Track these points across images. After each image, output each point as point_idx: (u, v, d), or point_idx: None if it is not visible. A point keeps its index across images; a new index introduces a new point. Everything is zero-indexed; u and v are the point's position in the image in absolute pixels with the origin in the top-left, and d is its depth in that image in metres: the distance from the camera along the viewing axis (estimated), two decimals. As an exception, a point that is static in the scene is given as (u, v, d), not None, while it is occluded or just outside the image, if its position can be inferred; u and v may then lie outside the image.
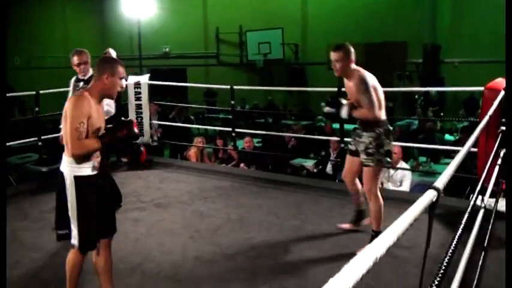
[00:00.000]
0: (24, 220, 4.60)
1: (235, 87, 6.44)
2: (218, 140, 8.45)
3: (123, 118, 3.25)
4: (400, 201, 4.82)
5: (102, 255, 2.86)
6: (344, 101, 3.72)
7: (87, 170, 2.64)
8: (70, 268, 2.79)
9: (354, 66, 3.56)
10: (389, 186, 6.24)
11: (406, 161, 6.62)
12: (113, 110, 4.40)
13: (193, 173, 6.31)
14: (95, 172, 2.68)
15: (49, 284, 3.30)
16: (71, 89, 4.61)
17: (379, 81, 3.56)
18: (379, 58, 13.75)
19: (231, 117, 8.12)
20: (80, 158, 2.60)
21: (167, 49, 18.55)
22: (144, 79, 6.84)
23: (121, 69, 2.74)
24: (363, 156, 3.61)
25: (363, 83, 3.45)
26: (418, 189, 6.32)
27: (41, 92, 6.13)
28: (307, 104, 15.07)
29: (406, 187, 6.20)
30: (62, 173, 2.65)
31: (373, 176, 3.60)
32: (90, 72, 4.47)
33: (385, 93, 3.62)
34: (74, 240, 2.70)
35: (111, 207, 2.91)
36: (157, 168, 6.38)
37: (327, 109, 3.77)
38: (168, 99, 9.03)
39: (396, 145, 6.35)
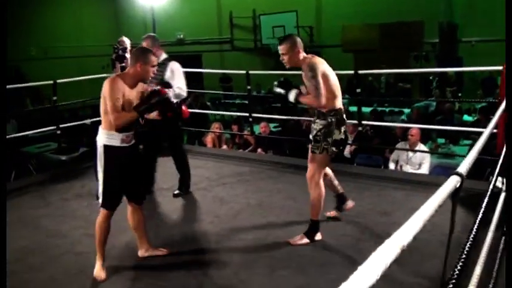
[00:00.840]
0: (46, 208, 4.67)
1: (250, 72, 6.42)
2: (233, 125, 8.44)
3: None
4: (420, 185, 4.80)
5: (134, 216, 3.37)
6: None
7: (116, 141, 3.09)
8: (98, 226, 3.21)
9: (303, 55, 3.53)
10: (408, 169, 6.19)
11: (424, 143, 6.55)
12: (184, 94, 4.57)
13: (211, 158, 6.33)
14: (123, 144, 3.11)
15: (71, 269, 3.36)
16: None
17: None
18: (395, 38, 13.56)
19: (247, 102, 8.10)
20: (121, 128, 3.06)
21: (181, 35, 18.50)
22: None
23: (153, 59, 3.12)
24: (311, 143, 3.62)
25: (310, 69, 3.41)
26: (438, 171, 6.27)
27: (58, 81, 6.17)
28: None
29: (425, 170, 6.14)
30: (95, 142, 3.14)
31: (317, 164, 3.59)
32: (163, 56, 4.57)
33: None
34: (100, 199, 3.18)
35: (135, 176, 3.26)
36: (175, 154, 6.40)
37: (277, 90, 3.70)
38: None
39: (414, 127, 6.29)
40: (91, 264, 3.30)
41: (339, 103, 3.52)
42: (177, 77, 4.52)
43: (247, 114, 6.71)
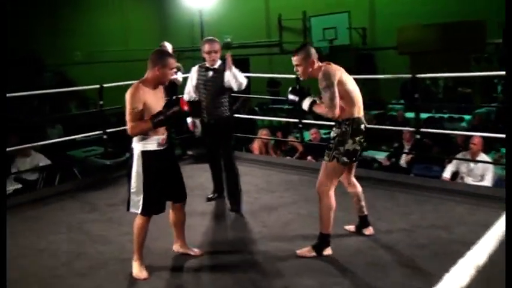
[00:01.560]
0: (91, 213, 4.81)
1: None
2: (278, 132, 8.43)
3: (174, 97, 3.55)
4: (483, 198, 4.63)
5: (175, 214, 3.56)
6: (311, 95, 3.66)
7: (152, 145, 3.25)
8: (137, 230, 3.35)
9: (318, 64, 3.52)
10: (470, 180, 5.99)
11: (487, 153, 6.32)
12: (244, 83, 4.61)
13: (259, 165, 6.34)
14: (160, 148, 3.27)
15: (118, 275, 3.43)
16: (193, 76, 4.77)
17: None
18: (454, 39, 13.16)
19: (296, 107, 8.06)
20: (136, 135, 3.22)
21: (229, 39, 18.69)
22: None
23: (171, 61, 3.27)
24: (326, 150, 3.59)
25: (325, 79, 3.40)
26: (502, 184, 6.02)
27: (104, 85, 6.29)
28: (377, 92, 14.73)
29: (488, 182, 5.92)
30: (132, 149, 3.29)
31: (327, 173, 3.56)
32: (219, 62, 4.62)
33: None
34: (134, 208, 3.30)
35: (175, 176, 3.43)
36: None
37: (290, 96, 3.74)
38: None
39: (477, 135, 6.08)
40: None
41: (357, 111, 3.51)
42: (236, 74, 4.55)
43: (296, 120, 6.68)
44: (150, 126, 3.16)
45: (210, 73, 4.60)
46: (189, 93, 4.82)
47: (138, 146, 3.25)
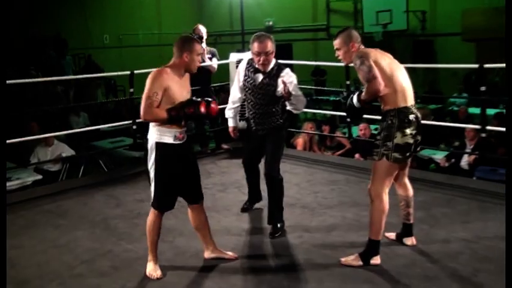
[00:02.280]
0: (117, 208, 4.90)
1: (350, 64, 6.31)
2: (324, 126, 8.37)
3: (196, 98, 3.35)
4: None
5: (194, 216, 3.62)
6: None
7: (169, 138, 3.31)
8: (149, 226, 3.46)
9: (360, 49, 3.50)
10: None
11: None
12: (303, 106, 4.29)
13: (301, 162, 6.32)
14: (177, 142, 3.33)
15: (141, 275, 3.49)
16: (240, 74, 4.32)
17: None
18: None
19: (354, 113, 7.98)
20: (149, 121, 3.30)
21: (271, 22, 18.67)
22: (247, 56, 6.91)
23: (198, 47, 3.38)
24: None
25: (358, 57, 3.37)
26: None
27: (135, 71, 6.32)
28: (437, 83, 14.45)
29: None
30: (147, 140, 3.37)
31: (378, 173, 3.49)
32: (272, 63, 4.15)
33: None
34: (152, 200, 3.42)
35: (192, 175, 3.50)
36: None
37: (344, 101, 3.63)
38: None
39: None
40: (167, 273, 3.44)
41: (402, 100, 3.41)
42: (299, 97, 4.18)
43: (344, 114, 6.61)
44: (165, 117, 3.22)
45: (260, 77, 4.15)
46: (234, 96, 4.45)
47: (153, 137, 3.32)
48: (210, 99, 3.41)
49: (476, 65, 5.65)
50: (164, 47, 16.39)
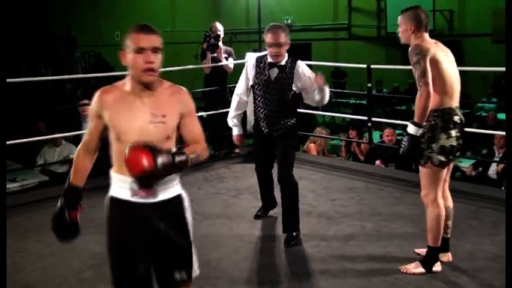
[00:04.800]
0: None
1: (372, 66, 6.32)
2: (351, 130, 8.35)
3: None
4: None
5: None
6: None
7: (124, 191, 2.24)
8: None
9: (417, 34, 3.49)
10: None
11: None
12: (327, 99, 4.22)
13: (318, 168, 6.31)
14: (134, 199, 2.23)
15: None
16: (249, 72, 4.24)
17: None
18: None
19: (364, 103, 7.99)
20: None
21: (289, 21, 18.67)
22: (255, 56, 6.94)
23: (136, 38, 2.16)
24: None
25: (413, 53, 3.38)
26: None
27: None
28: (464, 87, 14.34)
29: None
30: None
31: (426, 178, 3.50)
32: (286, 56, 4.14)
33: None
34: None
35: (148, 258, 2.28)
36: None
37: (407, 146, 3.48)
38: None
39: None
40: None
41: (448, 101, 3.41)
42: (326, 91, 4.16)
43: (365, 118, 6.60)
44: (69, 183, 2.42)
45: (275, 72, 4.11)
46: (239, 102, 4.36)
47: (111, 185, 2.33)
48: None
49: (503, 68, 5.58)
50: (178, 45, 16.50)
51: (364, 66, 6.34)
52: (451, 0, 15.51)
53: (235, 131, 4.45)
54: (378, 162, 7.43)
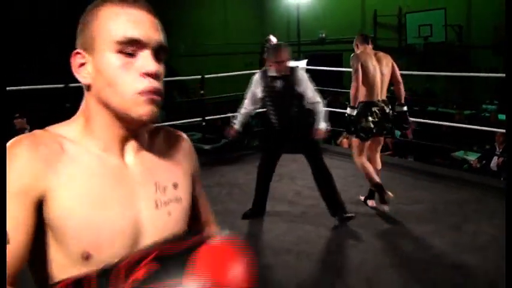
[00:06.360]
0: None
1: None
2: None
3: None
4: None
5: None
6: None
7: None
8: None
9: (360, 49, 4.23)
10: None
11: None
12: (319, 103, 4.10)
13: (348, 159, 6.27)
14: None
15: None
16: (256, 90, 4.08)
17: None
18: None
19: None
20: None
21: (323, 34, 18.55)
22: (302, 64, 6.98)
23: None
24: None
25: (353, 59, 4.15)
26: None
27: (205, 76, 6.64)
28: (471, 92, 13.98)
29: None
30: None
31: (354, 146, 4.28)
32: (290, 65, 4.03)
33: None
34: None
35: None
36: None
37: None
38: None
39: None
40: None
41: (370, 96, 4.08)
42: (306, 86, 4.04)
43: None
44: None
45: (279, 82, 3.97)
46: (249, 103, 4.15)
47: None
48: None
49: (503, 74, 5.46)
50: (229, 55, 16.62)
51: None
52: (459, 17, 15.14)
53: (237, 124, 4.23)
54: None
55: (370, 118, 4.06)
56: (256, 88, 4.05)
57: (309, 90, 4.01)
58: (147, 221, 0.89)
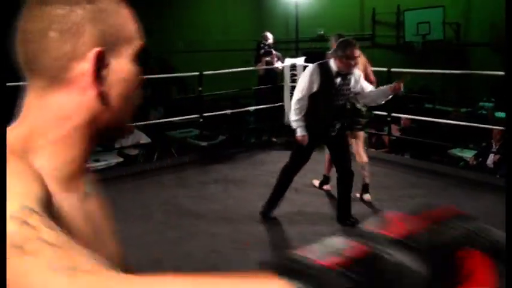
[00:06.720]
0: (184, 188, 5.04)
1: (392, 69, 6.27)
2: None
3: None
4: None
5: None
6: None
7: None
8: None
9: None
10: None
11: None
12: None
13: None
14: None
15: (206, 247, 3.59)
16: (312, 85, 3.83)
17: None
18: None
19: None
20: None
21: (322, 32, 18.53)
22: (300, 61, 6.96)
23: None
24: None
25: None
26: None
27: (204, 73, 6.55)
28: (469, 90, 13.98)
29: None
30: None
31: None
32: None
33: None
34: None
35: None
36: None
37: None
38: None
39: None
40: (225, 245, 3.53)
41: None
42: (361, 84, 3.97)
43: (385, 113, 6.55)
44: None
45: (338, 80, 3.84)
46: (302, 105, 3.87)
47: None
48: None
49: (501, 73, 5.46)
50: (227, 52, 16.60)
51: (385, 69, 6.29)
52: (457, 15, 15.14)
53: (302, 132, 3.90)
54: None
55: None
56: (311, 84, 3.80)
57: (363, 84, 3.93)
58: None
